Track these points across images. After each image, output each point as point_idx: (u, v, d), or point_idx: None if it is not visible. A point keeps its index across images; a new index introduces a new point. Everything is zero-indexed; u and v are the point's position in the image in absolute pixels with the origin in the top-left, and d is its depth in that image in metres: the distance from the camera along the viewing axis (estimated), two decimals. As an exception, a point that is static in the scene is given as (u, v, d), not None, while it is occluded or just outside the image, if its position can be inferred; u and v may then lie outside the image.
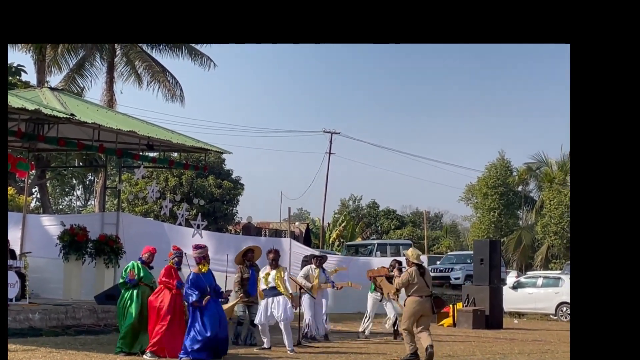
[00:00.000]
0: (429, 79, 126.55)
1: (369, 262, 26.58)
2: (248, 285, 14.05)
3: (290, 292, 13.53)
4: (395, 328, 16.38)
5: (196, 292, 11.55)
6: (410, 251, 12.72)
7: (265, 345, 13.31)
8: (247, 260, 14.43)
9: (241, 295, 14.01)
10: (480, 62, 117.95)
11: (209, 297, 11.64)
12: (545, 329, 21.31)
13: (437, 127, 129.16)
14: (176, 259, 12.15)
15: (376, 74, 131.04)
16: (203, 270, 11.89)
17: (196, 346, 11.40)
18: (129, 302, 12.09)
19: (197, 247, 12.31)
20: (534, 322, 24.80)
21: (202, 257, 12.00)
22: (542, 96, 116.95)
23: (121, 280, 12.50)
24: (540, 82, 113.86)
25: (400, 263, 16.85)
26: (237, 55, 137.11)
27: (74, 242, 18.47)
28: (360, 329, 16.91)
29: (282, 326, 13.18)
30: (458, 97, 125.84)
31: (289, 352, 13.04)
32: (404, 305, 12.52)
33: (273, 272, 13.30)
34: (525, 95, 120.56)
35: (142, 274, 12.13)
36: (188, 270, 12.63)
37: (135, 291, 12.10)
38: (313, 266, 15.73)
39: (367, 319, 16.97)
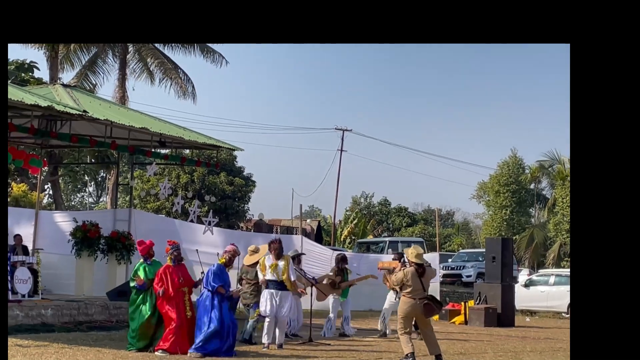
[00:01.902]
0: (441, 77, 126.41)
1: (379, 259, 26.56)
2: None
3: (298, 287, 13.56)
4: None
5: (216, 282, 11.76)
6: (410, 250, 12.17)
7: (264, 341, 13.18)
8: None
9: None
10: (493, 59, 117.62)
11: (232, 291, 11.89)
12: (557, 327, 21.23)
13: (449, 125, 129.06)
14: (174, 253, 12.10)
15: (387, 72, 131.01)
16: (221, 261, 12.10)
17: (203, 339, 11.50)
18: (141, 303, 12.11)
19: (234, 245, 12.58)
20: (546, 320, 24.72)
21: (227, 252, 12.33)
22: (555, 94, 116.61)
23: (132, 284, 12.49)
24: (554, 79, 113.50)
25: (402, 256, 16.74)
26: (249, 53, 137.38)
27: (86, 239, 18.51)
28: (379, 327, 16.81)
29: (280, 320, 13.17)
30: (470, 95, 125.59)
31: (276, 347, 13.00)
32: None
33: (280, 263, 13.17)
34: (538, 93, 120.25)
35: (150, 277, 12.12)
36: (200, 267, 12.67)
37: (147, 292, 12.12)
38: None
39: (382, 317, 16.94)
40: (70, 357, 10.86)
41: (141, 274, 12.17)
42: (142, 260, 12.45)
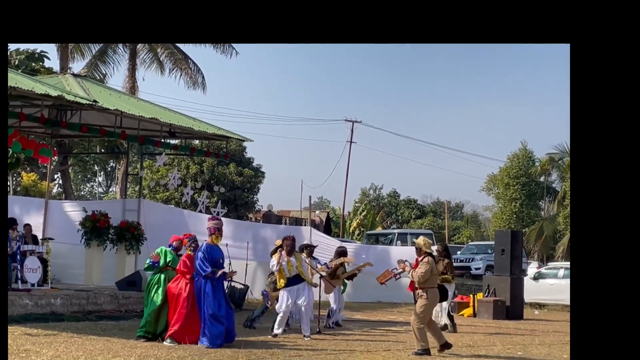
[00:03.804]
0: (451, 69, 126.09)
1: (387, 250, 26.58)
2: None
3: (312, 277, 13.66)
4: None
5: (209, 266, 11.67)
6: (422, 240, 12.14)
7: (275, 332, 13.29)
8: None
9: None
10: (503, 52, 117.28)
11: (222, 270, 11.76)
12: (566, 320, 21.13)
13: (459, 117, 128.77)
14: (193, 245, 12.30)
15: (397, 63, 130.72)
16: (216, 242, 12.00)
17: (215, 330, 11.56)
18: (154, 287, 12.16)
19: (213, 218, 12.43)
20: (554, 313, 24.65)
21: (217, 229, 12.05)
22: (566, 87, 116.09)
23: (146, 265, 12.58)
24: (564, 73, 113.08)
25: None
26: (259, 44, 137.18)
27: (95, 228, 18.56)
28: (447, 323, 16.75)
29: (303, 310, 13.31)
30: (480, 87, 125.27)
31: (305, 337, 13.12)
32: (426, 297, 11.82)
33: (293, 260, 13.31)
34: (549, 86, 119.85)
35: (169, 258, 12.23)
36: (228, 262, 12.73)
37: (162, 276, 12.19)
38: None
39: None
40: (79, 346, 10.89)
41: (162, 254, 12.23)
42: (169, 247, 12.54)
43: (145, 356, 10.34)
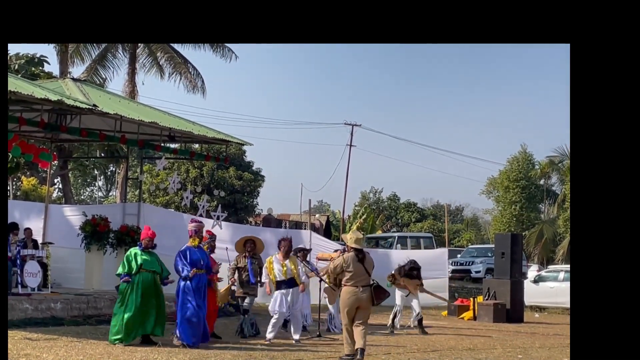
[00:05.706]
0: (451, 71, 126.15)
1: (388, 254, 26.54)
2: (245, 275, 14.04)
3: (303, 280, 13.60)
4: (418, 324, 16.59)
5: (188, 267, 11.80)
6: (349, 235, 11.37)
7: (268, 337, 13.18)
8: (247, 250, 14.28)
9: (232, 279, 14.11)
10: (504, 55, 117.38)
11: (195, 270, 11.83)
12: (566, 323, 21.11)
13: (459, 120, 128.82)
14: (212, 244, 12.58)
15: (397, 66, 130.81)
16: (193, 244, 12.05)
17: (190, 330, 11.71)
18: (128, 291, 12.01)
19: (193, 220, 12.49)
20: (555, 316, 24.66)
21: (194, 231, 12.15)
22: (566, 90, 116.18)
23: (118, 272, 12.36)
24: (564, 75, 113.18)
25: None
26: (259, 47, 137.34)
27: (95, 233, 18.55)
28: (389, 323, 16.82)
29: (294, 315, 13.34)
30: (480, 90, 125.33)
31: (294, 341, 13.12)
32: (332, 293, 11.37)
33: (287, 263, 13.23)
34: (548, 88, 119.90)
35: (140, 261, 12.05)
36: (228, 265, 12.77)
37: (135, 278, 11.99)
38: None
39: (397, 312, 16.97)
40: (79, 350, 10.88)
41: (132, 259, 12.10)
42: (137, 247, 12.39)
43: (145, 360, 10.35)
